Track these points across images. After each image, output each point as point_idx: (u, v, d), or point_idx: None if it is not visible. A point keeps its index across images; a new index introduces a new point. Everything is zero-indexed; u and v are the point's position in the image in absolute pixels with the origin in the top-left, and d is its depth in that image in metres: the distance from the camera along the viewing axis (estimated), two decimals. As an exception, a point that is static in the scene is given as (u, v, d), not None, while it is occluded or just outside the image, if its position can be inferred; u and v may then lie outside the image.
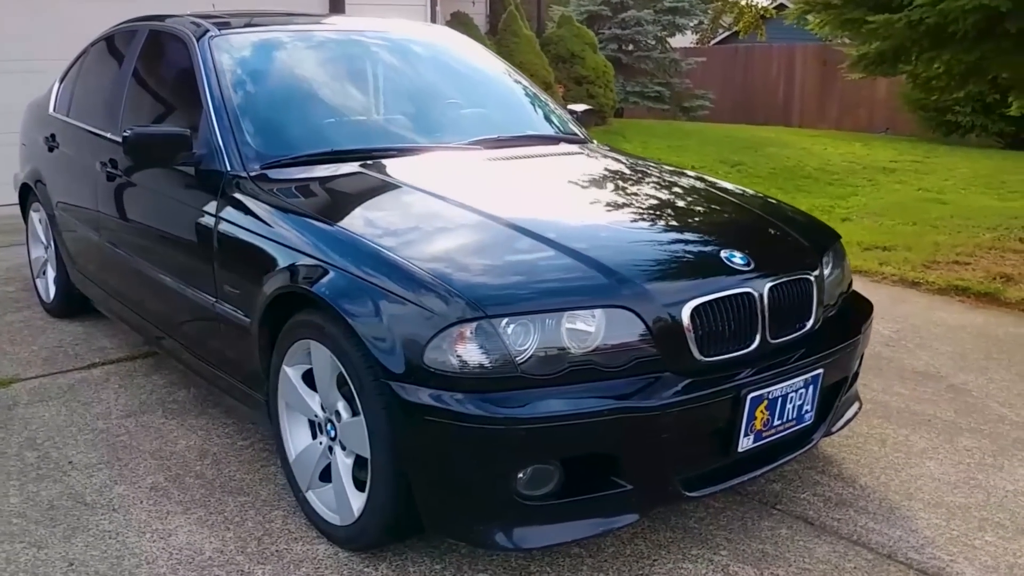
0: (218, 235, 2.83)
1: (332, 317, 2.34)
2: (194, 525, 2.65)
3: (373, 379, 2.22)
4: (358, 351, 2.26)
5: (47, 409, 3.49)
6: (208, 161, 2.97)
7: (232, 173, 2.87)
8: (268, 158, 2.92)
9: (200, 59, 3.23)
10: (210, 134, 3.00)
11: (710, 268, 2.41)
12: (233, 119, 3.01)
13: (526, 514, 2.17)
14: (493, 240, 2.43)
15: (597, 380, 2.16)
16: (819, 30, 5.57)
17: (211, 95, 3.09)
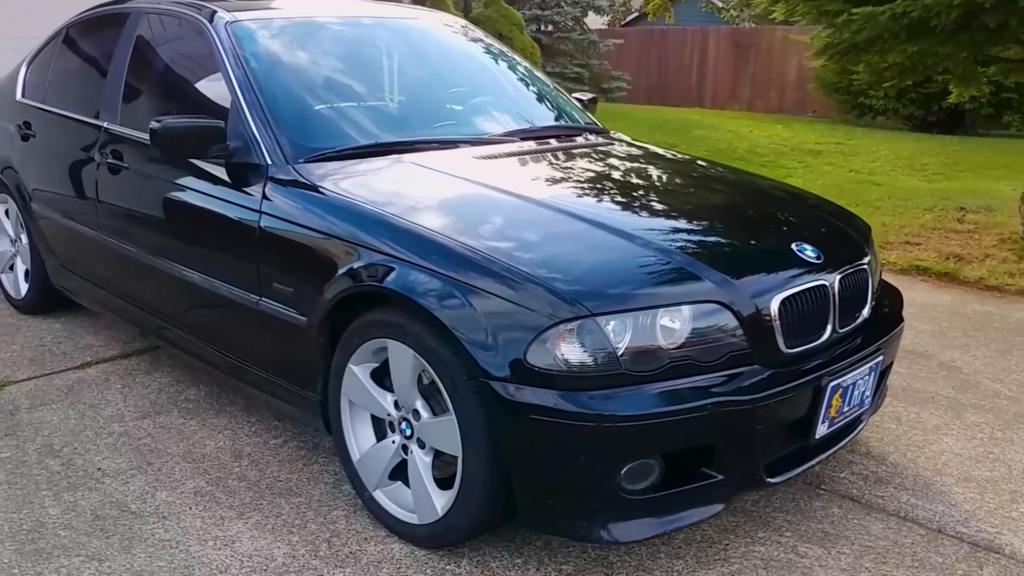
0: (263, 231, 2.74)
1: (417, 316, 2.30)
2: (255, 530, 2.58)
3: (468, 379, 2.21)
4: (449, 351, 2.24)
5: (53, 413, 3.33)
6: (243, 154, 2.87)
7: (275, 167, 2.78)
8: (311, 151, 2.83)
9: (220, 45, 3.10)
10: (243, 126, 2.89)
11: (787, 261, 2.47)
12: (268, 111, 2.90)
13: (628, 508, 2.20)
14: (579, 237, 2.43)
15: (694, 375, 2.20)
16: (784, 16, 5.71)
17: (240, 85, 2.98)
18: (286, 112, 2.95)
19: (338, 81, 3.26)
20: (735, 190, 3.11)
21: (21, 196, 4.13)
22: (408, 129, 3.16)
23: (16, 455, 3.01)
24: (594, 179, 2.99)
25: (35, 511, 2.67)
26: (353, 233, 2.49)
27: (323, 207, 2.60)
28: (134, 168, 3.32)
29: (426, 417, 2.39)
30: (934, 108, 12.83)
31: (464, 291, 2.22)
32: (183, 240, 3.13)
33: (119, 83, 3.54)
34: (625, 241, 2.40)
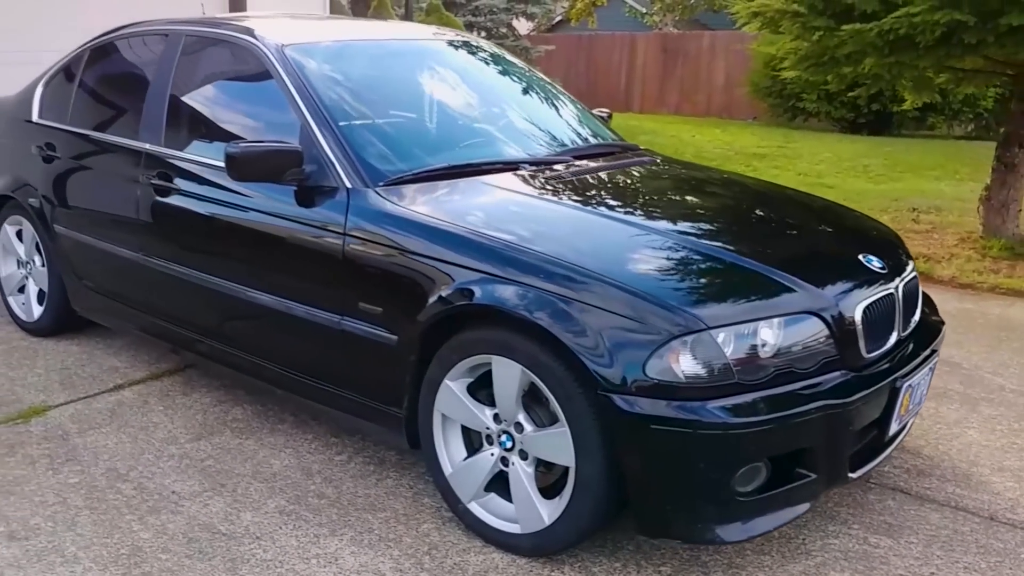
0: (348, 254, 2.78)
1: (526, 333, 2.40)
2: (353, 546, 2.63)
3: (583, 391, 2.31)
4: (562, 365, 2.34)
5: (105, 437, 3.30)
6: (319, 178, 2.91)
7: (358, 191, 2.83)
8: (391, 174, 2.89)
9: (280, 70, 3.13)
10: (317, 150, 2.93)
11: (860, 271, 2.65)
12: (342, 135, 2.95)
13: (738, 510, 2.34)
14: (672, 253, 2.56)
15: (795, 381, 2.35)
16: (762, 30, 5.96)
17: (309, 109, 3.01)
18: (359, 136, 3.00)
19: (397, 103, 3.33)
20: (788, 204, 3.29)
21: (41, 218, 4.05)
22: (468, 150, 3.24)
23: (85, 480, 2.98)
24: (660, 196, 3.13)
25: (127, 536, 2.67)
26: (453, 255, 2.56)
27: (417, 230, 2.67)
28: (187, 191, 3.31)
29: (530, 429, 2.49)
30: (863, 111, 13.39)
31: (579, 308, 2.33)
32: (250, 261, 3.14)
33: (161, 106, 3.52)
34: (718, 257, 2.55)
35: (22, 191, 4.14)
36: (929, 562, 2.60)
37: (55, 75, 4.20)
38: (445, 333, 2.60)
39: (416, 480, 3.01)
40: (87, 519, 2.76)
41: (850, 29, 4.80)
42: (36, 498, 2.88)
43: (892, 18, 4.57)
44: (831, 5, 5.14)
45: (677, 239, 2.63)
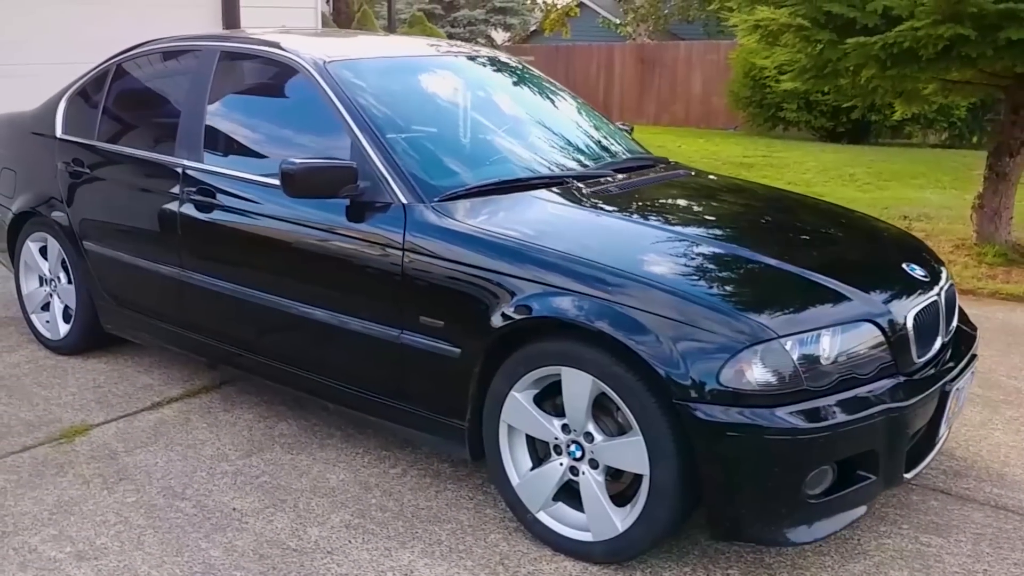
0: (408, 269, 2.84)
1: (599, 345, 2.46)
2: (425, 558, 2.68)
3: (657, 401, 2.39)
4: (635, 376, 2.41)
5: (154, 455, 3.31)
6: (374, 193, 2.96)
7: (414, 207, 2.88)
8: (445, 190, 2.95)
9: (329, 87, 3.18)
10: (370, 166, 2.98)
11: (906, 280, 2.75)
12: (393, 151, 3.00)
13: (808, 512, 2.42)
14: (735, 265, 2.65)
15: (857, 387, 2.45)
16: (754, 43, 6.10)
17: (359, 126, 3.07)
18: (410, 152, 3.06)
19: (439, 118, 3.39)
20: (825, 215, 3.41)
21: (68, 235, 4.05)
22: (513, 165, 3.30)
23: (142, 499, 3.00)
24: (705, 209, 3.22)
25: (196, 554, 2.69)
26: (520, 268, 2.63)
27: (481, 245, 2.72)
28: (233, 206, 3.34)
29: (600, 439, 2.55)
30: (843, 119, 13.64)
31: (653, 321, 2.40)
32: (301, 276, 3.17)
33: (198, 122, 3.55)
34: (777, 267, 2.64)
35: (47, 207, 4.13)
36: (981, 559, 2.70)
37: (79, 91, 4.21)
38: (511, 345, 2.66)
39: (474, 491, 3.06)
40: (153, 538, 2.78)
41: (854, 42, 4.94)
42: (97, 517, 2.89)
43: (896, 31, 4.71)
44: (833, 19, 5.28)
45: (734, 251, 2.72)
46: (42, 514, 2.91)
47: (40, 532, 2.81)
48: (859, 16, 5.07)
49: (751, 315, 2.38)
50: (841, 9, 5.07)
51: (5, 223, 4.42)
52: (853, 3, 5.15)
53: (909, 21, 4.68)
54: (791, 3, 5.36)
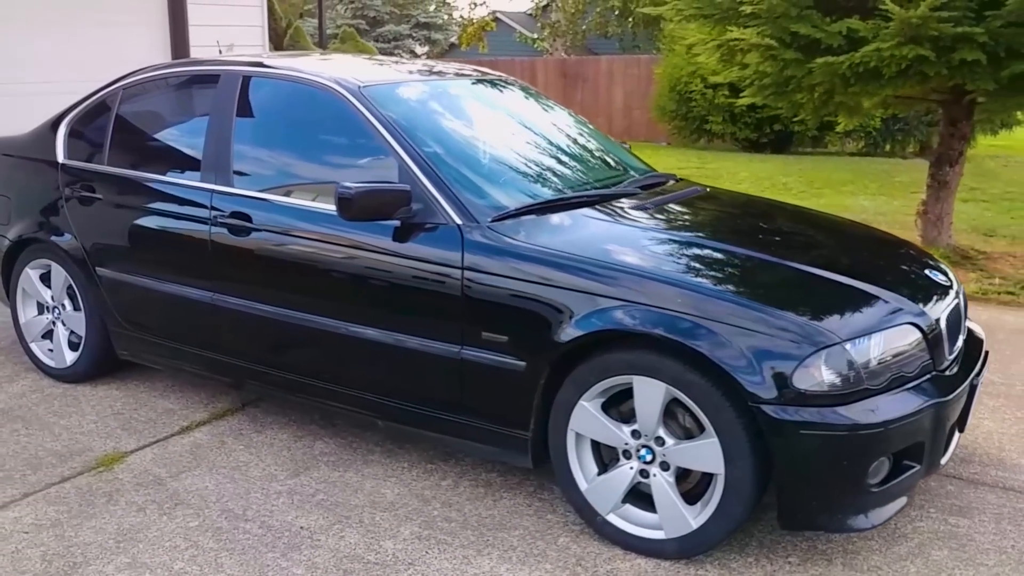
0: (469, 287, 2.95)
1: (673, 354, 2.63)
2: (505, 563, 2.79)
3: (731, 404, 2.57)
4: (709, 382, 2.59)
5: (201, 479, 3.33)
6: (426, 215, 3.06)
7: (470, 228, 3.00)
8: (496, 210, 3.07)
9: (369, 112, 3.27)
10: (420, 189, 3.08)
11: (932, 284, 3.02)
12: (441, 173, 3.12)
13: (868, 500, 2.64)
14: (788, 275, 2.88)
15: (905, 384, 2.68)
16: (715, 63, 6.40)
17: (404, 149, 3.16)
18: (457, 174, 3.18)
19: (475, 140, 3.51)
20: (840, 227, 3.70)
21: (77, 261, 4.00)
22: (550, 185, 3.45)
23: (205, 522, 3.02)
24: (740, 224, 3.45)
25: (279, 573, 2.74)
26: (589, 283, 2.77)
27: (545, 262, 2.86)
28: (271, 230, 3.38)
29: (671, 443, 2.72)
30: (766, 131, 14.24)
31: (726, 330, 2.58)
32: (352, 297, 3.24)
33: (226, 146, 3.57)
34: (825, 277, 2.87)
35: (51, 233, 4.07)
36: (1006, 536, 2.97)
37: (81, 116, 4.16)
38: (578, 357, 2.81)
39: (530, 499, 3.19)
40: (230, 560, 2.81)
41: (823, 62, 5.27)
42: (165, 543, 2.91)
43: (863, 52, 5.05)
44: (797, 39, 5.60)
45: (783, 263, 2.93)
46: (107, 543, 2.91)
47: (112, 561, 2.81)
48: (823, 37, 5.40)
49: (815, 322, 2.59)
50: (807, 30, 5.39)
51: (1, 250, 4.32)
52: (816, 24, 5.48)
53: (875, 42, 5.03)
54: (756, 24, 5.66)
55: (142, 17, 8.22)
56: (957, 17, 4.79)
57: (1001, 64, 5.03)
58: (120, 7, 8.00)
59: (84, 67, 7.66)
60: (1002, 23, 4.78)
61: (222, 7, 8.81)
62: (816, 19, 5.53)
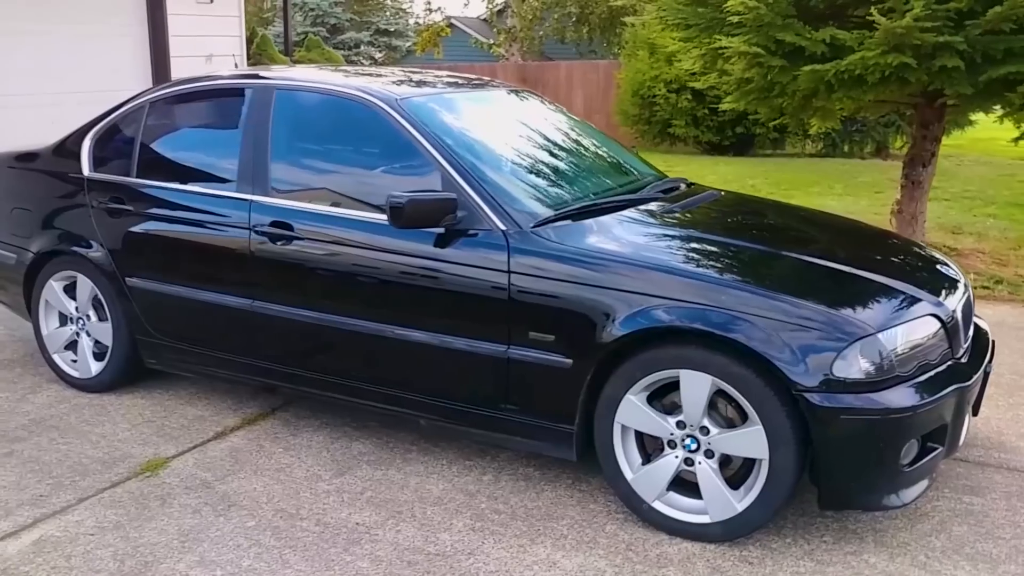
0: (516, 289, 3.09)
1: (720, 348, 2.81)
2: (560, 550, 2.94)
3: (775, 393, 2.75)
4: (753, 373, 2.77)
5: (247, 482, 3.42)
6: (471, 222, 3.20)
7: (515, 232, 3.14)
8: (538, 215, 3.23)
9: (410, 124, 3.40)
10: (463, 197, 3.21)
11: (946, 279, 3.24)
12: (485, 181, 3.26)
13: (900, 480, 2.84)
14: (821, 272, 3.07)
15: (931, 371, 2.89)
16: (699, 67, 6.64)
17: (446, 159, 3.30)
18: (499, 181, 3.33)
19: (508, 148, 3.66)
20: (851, 227, 3.92)
21: (105, 273, 4.06)
22: (585, 190, 3.61)
23: (262, 522, 3.11)
24: (766, 226, 3.65)
25: (347, 567, 2.85)
26: (637, 283, 2.93)
27: (592, 264, 3.02)
28: (315, 238, 3.49)
29: (716, 431, 2.89)
30: (727, 133, 14.59)
31: (768, 324, 2.76)
32: (397, 302, 3.35)
33: (263, 157, 3.67)
34: (854, 274, 3.07)
35: (78, 245, 4.12)
36: (1018, 512, 3.20)
37: (106, 129, 4.22)
38: (625, 353, 2.97)
39: (570, 490, 3.34)
40: (294, 556, 2.92)
41: (809, 69, 5.51)
42: (228, 542, 3.00)
43: (849, 60, 5.30)
44: (782, 47, 5.84)
45: (813, 261, 3.13)
46: (172, 543, 2.99)
47: (182, 559, 2.90)
48: (807, 45, 5.65)
49: (851, 315, 2.79)
50: (792, 38, 5.63)
51: (24, 263, 4.35)
52: (799, 32, 5.72)
53: (860, 51, 5.28)
54: (742, 32, 5.89)
55: (123, 29, 8.24)
56: (938, 27, 5.05)
57: (978, 69, 5.32)
58: (101, 19, 8.01)
59: (65, 79, 7.68)
60: (980, 31, 5.05)
61: (201, 17, 8.86)
62: (798, 28, 5.77)
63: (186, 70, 8.56)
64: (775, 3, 5.62)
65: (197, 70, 8.76)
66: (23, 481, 3.42)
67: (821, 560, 2.89)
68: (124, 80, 8.26)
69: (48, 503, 3.26)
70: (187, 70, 8.56)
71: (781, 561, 2.89)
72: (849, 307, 2.84)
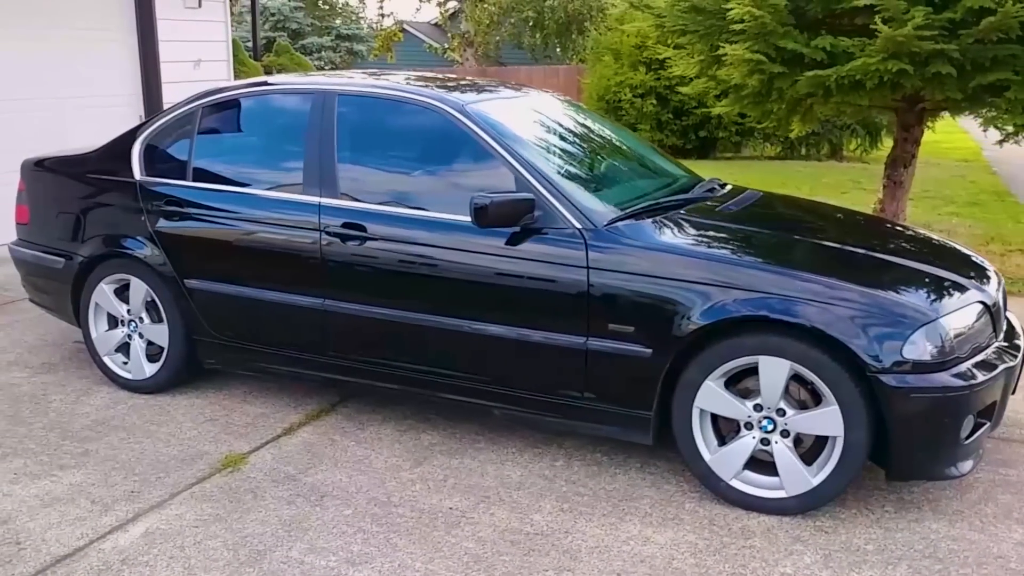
0: (595, 284, 3.29)
1: (795, 335, 3.05)
2: (650, 528, 3.14)
3: (849, 375, 3.00)
4: (829, 357, 3.01)
5: (331, 474, 3.55)
6: (546, 221, 3.39)
7: (590, 230, 3.34)
8: (610, 214, 3.43)
9: (480, 128, 3.57)
10: (539, 198, 3.40)
11: (983, 270, 3.54)
12: (557, 183, 3.46)
13: (960, 452, 3.11)
14: (882, 265, 3.34)
15: (982, 352, 3.17)
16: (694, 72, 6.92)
17: (519, 162, 3.49)
18: (571, 182, 3.53)
19: (567, 151, 3.86)
20: (882, 223, 4.20)
21: (162, 275, 4.14)
22: (642, 190, 3.83)
23: (359, 511, 3.25)
24: (816, 224, 3.93)
25: (455, 547, 3.02)
26: (712, 277, 3.15)
27: (667, 259, 3.23)
28: (391, 238, 3.63)
29: (792, 412, 3.13)
30: (691, 137, 15.01)
31: (843, 312, 3.01)
32: (474, 298, 3.51)
33: (329, 161, 3.80)
34: (910, 266, 3.35)
35: (133, 249, 4.19)
36: (1039, 482, 3.51)
37: (158, 133, 4.30)
38: (704, 342, 3.19)
39: (641, 473, 3.55)
40: (402, 540, 3.07)
41: (812, 75, 5.82)
42: (332, 529, 3.14)
43: (850, 66, 5.62)
44: (781, 53, 6.15)
45: (871, 254, 3.40)
46: (278, 532, 3.12)
47: (293, 547, 3.02)
48: (807, 52, 5.95)
49: (916, 303, 3.05)
50: (794, 46, 5.93)
51: (73, 267, 4.40)
52: (798, 40, 6.03)
53: (862, 57, 5.60)
54: (742, 40, 6.18)
55: (112, 34, 8.21)
56: (934, 35, 5.39)
57: (966, 76, 5.68)
58: (90, 24, 7.97)
59: (54, 83, 7.65)
60: (972, 40, 5.41)
61: (190, 23, 8.87)
62: (796, 35, 6.08)
63: (175, 75, 8.61)
64: (776, 12, 5.90)
65: (185, 75, 8.80)
66: (109, 479, 3.50)
67: (888, 528, 3.15)
68: (113, 86, 8.25)
69: (142, 498, 3.35)
70: (175, 75, 8.62)
71: (852, 530, 3.13)
72: (912, 296, 3.11)
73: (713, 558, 2.96)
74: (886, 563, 2.94)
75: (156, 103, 8.50)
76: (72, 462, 3.65)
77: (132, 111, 8.36)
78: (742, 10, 5.91)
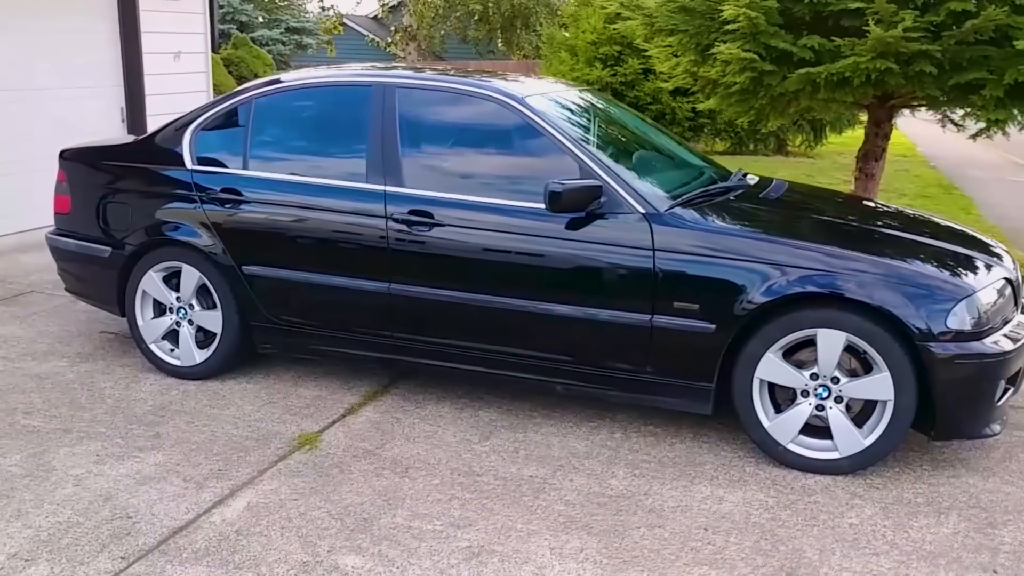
0: (661, 265, 3.54)
1: (851, 309, 3.35)
2: (721, 489, 3.42)
3: (899, 344, 3.32)
4: (882, 328, 3.33)
5: (408, 448, 3.72)
6: (611, 206, 3.63)
7: (654, 215, 3.60)
8: (670, 199, 3.70)
9: (541, 119, 3.80)
10: (604, 184, 3.64)
11: (1002, 250, 3.90)
12: (618, 170, 3.71)
13: (993, 414, 3.47)
14: (922, 246, 3.67)
15: (1008, 323, 3.53)
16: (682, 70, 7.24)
17: (582, 151, 3.73)
18: (631, 170, 3.78)
19: (617, 140, 4.11)
20: (901, 210, 4.56)
21: (216, 262, 4.25)
22: (688, 177, 4.11)
23: (446, 480, 3.44)
24: (850, 211, 4.26)
25: (549, 509, 3.24)
26: (773, 256, 3.44)
27: (729, 241, 3.51)
28: (459, 225, 3.82)
29: (845, 380, 3.44)
30: (646, 132, 15.43)
31: (895, 287, 3.33)
32: (541, 280, 3.72)
33: (392, 150, 3.97)
34: (944, 247, 3.69)
35: (186, 236, 4.29)
36: (1056, 443, 3.90)
37: (210, 123, 4.39)
38: (765, 316, 3.47)
39: (696, 441, 3.82)
40: (495, 504, 3.27)
41: (804, 72, 6.18)
42: (427, 498, 3.32)
43: (841, 64, 6.00)
44: (771, 52, 6.50)
45: (912, 237, 3.75)
46: (377, 501, 3.29)
47: (396, 513, 3.20)
48: (796, 50, 6.32)
49: (956, 279, 3.40)
50: (785, 45, 6.28)
51: (121, 255, 4.47)
52: (786, 40, 6.39)
53: (852, 56, 5.98)
54: (732, 39, 6.51)
55: (93, 24, 8.13)
56: (919, 37, 5.80)
57: (945, 75, 6.11)
58: (71, 15, 7.88)
59: (34, 75, 7.56)
60: (955, 41, 5.83)
61: (170, 14, 8.82)
62: (783, 35, 6.44)
63: (156, 66, 8.58)
64: (767, 13, 6.25)
65: (166, 67, 8.77)
66: (191, 459, 3.62)
67: (931, 483, 3.49)
68: (97, 76, 8.17)
69: (231, 476, 3.48)
70: (157, 66, 8.59)
71: (901, 486, 3.46)
72: (952, 272, 3.45)
73: (785, 512, 3.25)
74: (938, 512, 3.27)
75: (138, 95, 8.48)
76: (148, 444, 3.74)
77: (112, 103, 8.30)
78: (737, 11, 6.23)
